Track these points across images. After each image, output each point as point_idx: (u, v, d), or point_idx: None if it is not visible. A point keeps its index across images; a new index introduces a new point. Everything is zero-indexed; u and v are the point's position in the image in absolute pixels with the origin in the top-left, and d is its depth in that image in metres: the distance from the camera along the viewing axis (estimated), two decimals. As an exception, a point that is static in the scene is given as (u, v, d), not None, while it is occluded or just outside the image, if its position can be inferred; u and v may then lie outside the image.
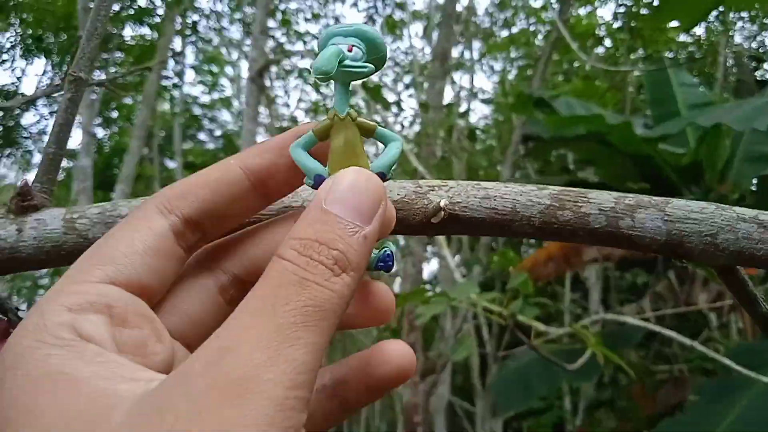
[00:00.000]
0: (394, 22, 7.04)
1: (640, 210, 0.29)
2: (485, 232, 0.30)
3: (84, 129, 4.78)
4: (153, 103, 5.34)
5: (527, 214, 0.29)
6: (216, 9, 6.79)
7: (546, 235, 0.29)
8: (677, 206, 0.29)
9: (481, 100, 6.65)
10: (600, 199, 0.29)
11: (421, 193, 0.31)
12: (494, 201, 0.29)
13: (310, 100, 7.43)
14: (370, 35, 0.24)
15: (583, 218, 0.29)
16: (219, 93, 8.34)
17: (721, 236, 0.28)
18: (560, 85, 6.17)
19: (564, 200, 0.29)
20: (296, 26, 6.90)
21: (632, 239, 0.28)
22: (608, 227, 0.28)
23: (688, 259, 0.28)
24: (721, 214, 0.28)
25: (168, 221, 0.23)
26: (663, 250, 0.28)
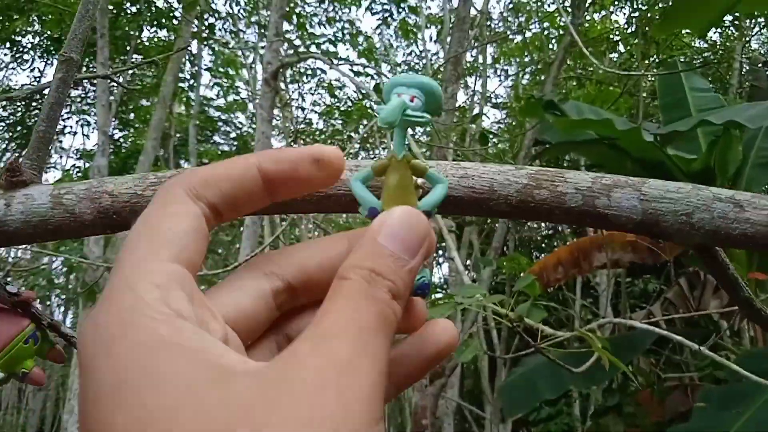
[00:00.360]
0: (408, 27, 7.06)
1: (616, 189, 0.28)
2: (463, 210, 0.30)
3: (100, 129, 4.83)
4: (168, 105, 5.39)
5: (504, 193, 0.29)
6: (232, 12, 6.85)
7: (523, 213, 0.29)
8: (654, 186, 0.28)
9: (493, 105, 6.64)
10: (577, 178, 0.29)
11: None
12: (472, 180, 0.30)
13: (324, 103, 7.47)
14: (431, 88, 0.27)
15: (560, 197, 0.29)
16: (234, 95, 8.41)
17: (697, 215, 0.28)
18: (573, 90, 6.15)
19: (541, 180, 0.29)
20: (311, 29, 6.95)
21: (608, 218, 0.28)
22: (584, 206, 0.28)
23: (664, 238, 0.28)
24: (697, 194, 0.28)
25: (198, 207, 0.25)
26: (638, 228, 0.28)
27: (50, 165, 9.21)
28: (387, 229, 0.24)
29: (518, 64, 6.79)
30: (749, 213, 0.26)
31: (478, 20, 5.77)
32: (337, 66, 3.03)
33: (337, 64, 4.19)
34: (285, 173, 0.26)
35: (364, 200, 0.27)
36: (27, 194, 0.30)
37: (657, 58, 5.39)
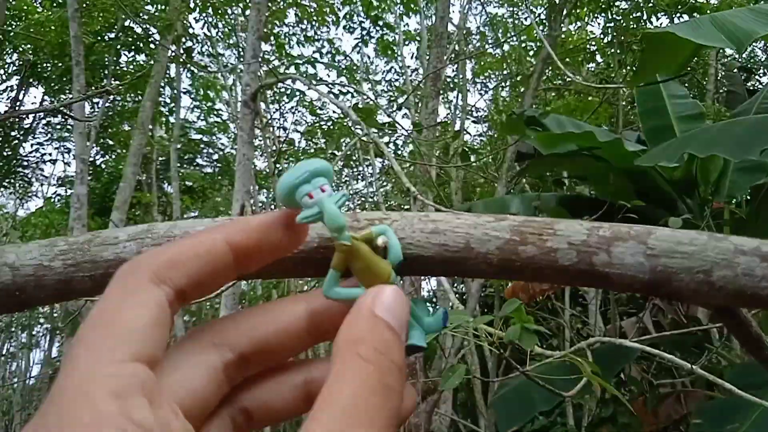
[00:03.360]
0: (387, 45, 7.07)
1: (617, 243, 0.24)
2: (435, 272, 0.25)
3: (78, 157, 4.75)
4: (147, 129, 5.31)
5: (483, 251, 0.24)
6: (210, 34, 6.82)
7: (507, 274, 0.24)
8: (662, 237, 0.23)
9: (474, 120, 6.65)
10: (569, 230, 0.24)
11: (359, 228, 0.27)
12: (444, 236, 0.25)
13: (306, 122, 7.43)
14: (323, 167, 0.26)
15: (549, 254, 0.24)
16: (216, 117, 8.35)
17: (717, 273, 0.23)
18: (553, 100, 6.18)
19: (526, 233, 0.24)
20: (290, 50, 6.94)
21: (610, 278, 0.23)
22: (580, 264, 0.24)
23: (679, 299, 0.23)
24: (715, 246, 0.23)
25: (163, 292, 0.23)
26: (647, 289, 0.23)
27: (32, 193, 9.08)
28: (384, 306, 0.24)
29: (497, 77, 6.82)
30: (779, 268, 0.22)
31: (456, 36, 5.79)
32: (316, 86, 3.00)
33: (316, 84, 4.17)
34: (256, 242, 0.25)
35: (352, 296, 0.26)
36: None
37: (634, 67, 5.44)
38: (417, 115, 4.91)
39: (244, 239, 0.25)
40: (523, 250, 0.24)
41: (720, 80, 5.87)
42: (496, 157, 5.53)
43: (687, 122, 3.16)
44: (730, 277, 0.22)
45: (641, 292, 0.24)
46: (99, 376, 0.20)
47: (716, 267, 0.23)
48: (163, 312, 0.23)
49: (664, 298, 0.24)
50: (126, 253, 0.28)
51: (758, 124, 2.09)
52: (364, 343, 0.22)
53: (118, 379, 0.20)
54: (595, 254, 0.23)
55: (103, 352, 0.21)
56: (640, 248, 0.23)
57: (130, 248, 0.28)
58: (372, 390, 0.21)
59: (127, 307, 0.22)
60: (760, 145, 1.86)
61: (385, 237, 0.26)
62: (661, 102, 3.25)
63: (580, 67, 6.14)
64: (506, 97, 6.71)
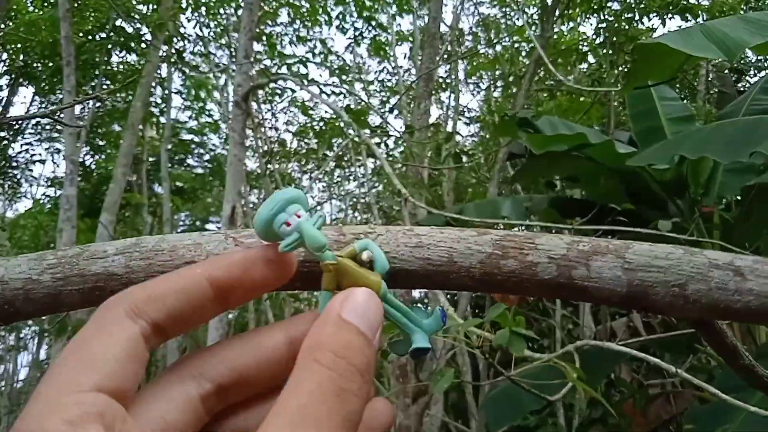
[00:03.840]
0: (380, 45, 7.07)
1: (596, 257, 0.24)
2: (419, 285, 0.26)
3: (68, 158, 4.72)
4: (138, 129, 5.28)
5: (465, 265, 0.25)
6: (202, 34, 6.79)
7: (489, 287, 0.25)
8: (639, 252, 0.24)
9: (467, 121, 6.67)
10: (549, 244, 0.25)
11: (344, 242, 0.27)
12: (428, 250, 0.25)
13: (298, 122, 7.42)
14: (296, 195, 0.27)
15: (530, 268, 0.24)
16: (207, 118, 8.32)
17: (692, 286, 0.23)
18: (545, 101, 6.21)
19: (508, 247, 0.25)
20: (282, 49, 6.92)
21: (588, 291, 0.24)
22: (560, 278, 0.24)
23: (655, 312, 0.24)
24: (690, 260, 0.24)
25: (138, 326, 0.23)
26: (625, 303, 0.24)
27: (21, 194, 9.01)
28: (352, 309, 0.24)
29: (490, 78, 6.84)
30: (752, 282, 0.22)
31: (448, 36, 5.80)
32: (308, 87, 3.00)
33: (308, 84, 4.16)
34: (237, 278, 0.25)
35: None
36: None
37: (626, 67, 5.47)
38: (409, 116, 4.92)
39: (224, 275, 0.25)
40: (504, 263, 0.25)
41: (711, 81, 5.91)
42: (488, 159, 5.55)
43: (677, 124, 3.18)
44: (704, 290, 0.23)
45: (619, 306, 0.24)
46: (58, 404, 0.20)
47: (691, 281, 0.23)
48: (135, 345, 0.23)
49: (641, 311, 0.24)
50: (114, 267, 0.28)
51: (749, 126, 2.11)
52: (323, 348, 0.22)
53: (77, 407, 0.20)
54: (574, 268, 0.24)
55: (67, 381, 0.21)
56: (618, 262, 0.24)
57: (118, 262, 0.28)
58: (324, 395, 0.21)
59: (99, 340, 0.23)
60: (750, 147, 1.88)
61: (369, 251, 0.27)
62: (651, 104, 3.27)
63: (573, 67, 6.17)
64: (498, 98, 6.73)
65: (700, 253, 0.24)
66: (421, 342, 0.27)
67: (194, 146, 8.63)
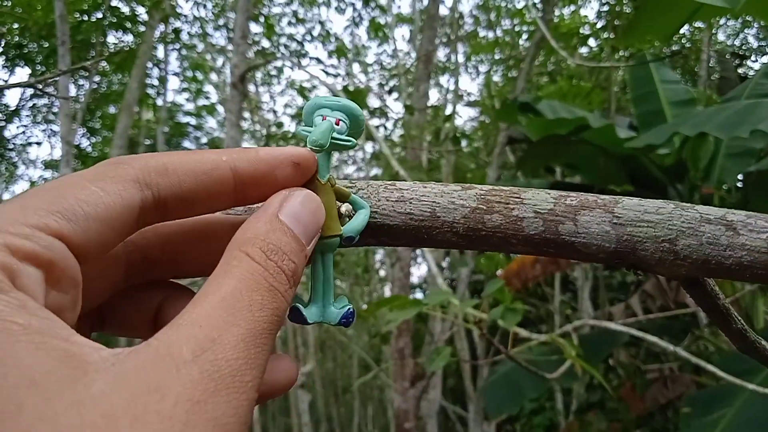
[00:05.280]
0: (379, 26, 7.01)
1: (584, 212, 0.23)
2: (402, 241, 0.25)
3: (63, 139, 4.69)
4: (133, 111, 5.25)
5: (449, 219, 0.24)
6: (199, 15, 6.72)
7: (472, 243, 0.24)
8: (628, 206, 0.23)
9: (466, 103, 6.63)
10: (536, 199, 0.24)
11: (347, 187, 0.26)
12: (410, 204, 0.24)
13: (296, 105, 7.37)
14: (355, 112, 0.27)
15: (516, 223, 0.23)
16: (204, 100, 8.27)
17: (682, 241, 0.22)
18: (545, 86, 6.17)
19: (493, 202, 0.24)
20: (280, 30, 6.86)
21: (575, 247, 0.23)
22: (546, 233, 0.23)
23: (643, 269, 0.23)
24: (681, 215, 0.23)
25: (141, 195, 0.22)
26: (612, 258, 0.23)
27: (18, 176, 8.99)
28: (290, 210, 0.23)
29: (490, 61, 6.79)
30: (744, 237, 0.22)
31: (448, 18, 5.75)
32: (306, 67, 2.97)
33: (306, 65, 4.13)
34: (261, 175, 0.24)
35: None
36: None
37: (626, 52, 5.43)
38: (408, 100, 4.88)
39: (249, 168, 0.24)
40: (489, 218, 0.24)
41: (712, 66, 5.87)
42: (487, 143, 5.52)
43: (679, 107, 3.16)
44: (695, 245, 0.22)
45: (606, 262, 0.23)
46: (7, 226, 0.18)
47: (681, 235, 0.22)
48: (125, 213, 0.21)
49: (629, 268, 0.24)
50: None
51: (750, 107, 2.09)
52: (255, 244, 0.21)
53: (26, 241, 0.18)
54: (561, 223, 0.23)
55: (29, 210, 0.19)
56: (607, 217, 0.23)
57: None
58: (256, 286, 0.20)
59: (89, 192, 0.20)
60: (750, 126, 1.86)
61: (351, 208, 0.26)
62: (652, 87, 3.25)
63: (573, 51, 6.12)
64: (498, 82, 6.69)
65: (692, 207, 0.23)
66: (310, 314, 0.26)
67: (191, 129, 8.59)
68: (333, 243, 0.26)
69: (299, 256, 0.22)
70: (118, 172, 0.21)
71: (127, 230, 0.22)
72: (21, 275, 0.18)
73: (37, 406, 0.15)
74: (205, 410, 0.17)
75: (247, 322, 0.19)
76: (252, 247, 0.21)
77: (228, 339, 0.18)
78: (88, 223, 0.20)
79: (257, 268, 0.21)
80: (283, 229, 0.22)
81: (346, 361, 7.47)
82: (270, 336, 0.20)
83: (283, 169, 0.25)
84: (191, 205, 0.23)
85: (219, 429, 0.17)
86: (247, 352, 0.18)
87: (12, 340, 0.16)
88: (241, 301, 0.20)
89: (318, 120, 0.26)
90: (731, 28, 6.53)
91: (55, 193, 0.20)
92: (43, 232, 0.19)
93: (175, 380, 0.17)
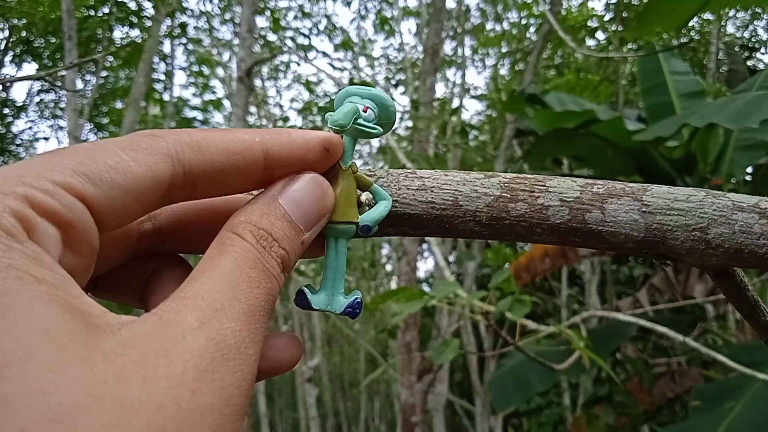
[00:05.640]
0: (385, 19, 6.98)
1: (611, 200, 0.23)
2: (423, 231, 0.24)
3: (71, 134, 4.71)
4: (140, 105, 5.26)
5: (471, 208, 0.23)
6: (205, 9, 6.72)
7: (497, 233, 0.23)
8: (658, 194, 0.22)
9: (473, 97, 6.60)
10: (562, 187, 0.23)
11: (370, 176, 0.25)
12: (431, 193, 0.24)
13: (302, 100, 7.36)
14: (385, 101, 0.26)
15: (541, 212, 0.23)
16: (210, 95, 8.27)
17: (714, 230, 0.22)
18: (552, 79, 6.13)
19: (517, 190, 0.23)
20: (285, 24, 6.85)
21: (602, 236, 0.22)
22: (573, 222, 0.23)
23: (673, 259, 0.22)
24: (712, 203, 0.22)
25: (172, 170, 0.21)
26: (641, 248, 0.22)
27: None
28: (290, 194, 0.23)
29: (497, 54, 6.76)
30: (779, 225, 0.21)
31: (455, 11, 5.72)
32: (312, 61, 2.97)
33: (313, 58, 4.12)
34: (292, 158, 0.24)
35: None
36: None
37: (635, 44, 5.38)
38: (415, 94, 4.87)
39: (282, 152, 0.24)
40: (513, 207, 0.23)
41: (721, 59, 5.82)
42: (494, 137, 5.50)
43: (688, 99, 3.13)
44: (727, 234, 0.21)
45: (634, 252, 0.23)
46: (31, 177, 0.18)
47: (713, 224, 0.22)
48: (154, 187, 0.21)
49: (658, 258, 0.23)
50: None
51: (759, 98, 2.07)
52: (246, 228, 0.21)
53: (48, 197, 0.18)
54: (588, 211, 0.22)
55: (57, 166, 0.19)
56: (635, 205, 0.22)
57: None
58: (252, 264, 0.20)
59: (119, 160, 0.20)
60: (761, 115, 1.85)
61: (370, 197, 0.26)
62: (661, 78, 3.22)
63: (581, 44, 6.07)
64: (505, 76, 6.65)
65: (723, 195, 0.22)
66: (316, 300, 0.26)
67: (198, 123, 8.61)
68: (348, 230, 0.25)
69: (293, 243, 0.22)
70: (152, 144, 0.21)
71: (152, 204, 0.21)
72: (38, 229, 0.18)
73: (48, 355, 0.15)
74: (213, 379, 0.17)
75: (247, 298, 0.19)
76: (243, 230, 0.21)
77: (231, 311, 0.18)
78: (113, 191, 0.19)
79: (250, 247, 0.21)
80: (279, 213, 0.22)
81: (353, 356, 7.49)
82: (265, 314, 0.20)
83: (314, 154, 0.24)
84: (219, 185, 0.23)
85: (225, 399, 0.17)
86: (248, 326, 0.19)
87: (25, 288, 0.16)
88: (240, 277, 0.20)
89: (346, 105, 0.26)
90: (740, 20, 6.46)
91: (84, 156, 0.19)
92: (67, 191, 0.18)
93: (183, 347, 0.17)
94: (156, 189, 0.21)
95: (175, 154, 0.21)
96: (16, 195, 0.17)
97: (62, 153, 0.19)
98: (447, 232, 0.24)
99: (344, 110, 0.25)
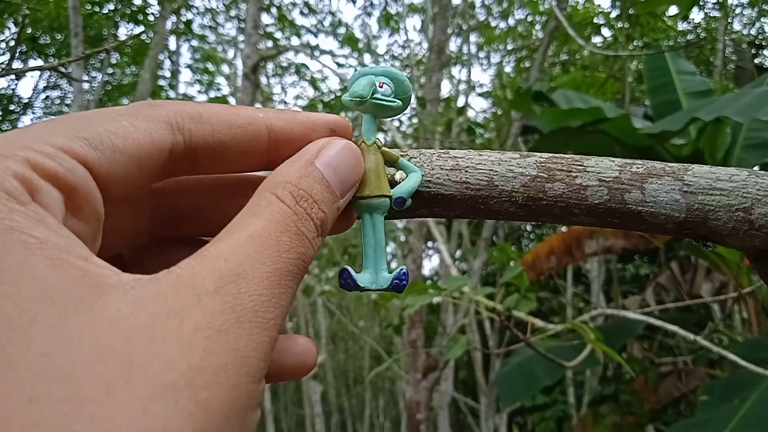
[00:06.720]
0: (390, 16, 6.97)
1: (651, 179, 0.22)
2: (456, 212, 0.24)
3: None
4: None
5: (507, 189, 0.23)
6: (210, 6, 6.72)
7: (533, 214, 0.23)
8: (699, 173, 0.22)
9: (479, 94, 6.59)
10: (600, 166, 0.23)
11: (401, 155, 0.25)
12: (465, 173, 0.23)
13: (307, 97, 7.36)
14: (399, 76, 0.27)
15: (579, 191, 0.22)
16: (216, 92, 8.28)
17: (758, 210, 0.21)
18: (558, 76, 6.12)
19: (554, 169, 0.23)
20: (291, 20, 6.84)
21: (642, 216, 0.22)
22: (611, 202, 0.22)
23: (714, 240, 0.22)
24: (756, 182, 0.21)
25: (172, 138, 0.21)
26: (681, 229, 0.22)
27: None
28: (326, 159, 0.22)
29: (502, 51, 6.74)
30: (826, 205, 0.20)
31: (460, 8, 5.71)
32: (318, 57, 2.97)
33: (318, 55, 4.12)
34: (296, 136, 0.24)
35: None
36: None
37: (641, 42, 5.36)
38: (420, 91, 4.86)
39: (285, 128, 0.23)
40: (550, 187, 0.23)
41: (727, 56, 5.79)
42: (500, 135, 5.49)
43: (695, 98, 3.12)
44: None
45: (674, 233, 0.22)
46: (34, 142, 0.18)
47: (757, 204, 0.21)
48: (155, 154, 0.20)
49: (698, 239, 0.22)
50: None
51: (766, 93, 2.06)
52: (285, 188, 0.21)
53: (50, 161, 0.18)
54: (627, 191, 0.22)
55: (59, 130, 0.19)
56: (676, 185, 0.22)
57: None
58: (285, 228, 0.20)
59: (120, 126, 0.20)
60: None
61: (403, 175, 0.26)
62: (668, 77, 3.21)
63: (587, 41, 6.05)
64: (510, 73, 6.64)
65: (766, 174, 0.22)
66: (362, 279, 0.25)
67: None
68: (382, 204, 0.25)
69: (330, 207, 0.22)
70: (152, 112, 0.21)
71: (154, 173, 0.21)
72: (41, 192, 0.17)
73: (51, 322, 0.15)
74: (227, 339, 0.16)
75: (273, 261, 0.19)
76: (282, 190, 0.21)
77: (253, 275, 0.18)
78: (114, 155, 0.19)
79: (287, 210, 0.20)
80: (317, 177, 0.22)
81: (357, 353, 7.49)
82: (295, 279, 0.20)
83: (320, 134, 0.24)
84: (222, 159, 0.23)
85: (240, 360, 0.16)
86: (271, 290, 0.18)
87: (27, 253, 0.15)
88: (269, 240, 0.19)
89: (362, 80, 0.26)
90: (747, 17, 6.43)
91: (84, 121, 0.19)
92: (68, 154, 0.18)
93: (196, 308, 0.16)
94: (157, 156, 0.21)
95: (176, 122, 0.21)
96: (17, 158, 0.17)
97: (62, 119, 0.19)
98: (481, 213, 0.23)
99: (361, 84, 0.25)
